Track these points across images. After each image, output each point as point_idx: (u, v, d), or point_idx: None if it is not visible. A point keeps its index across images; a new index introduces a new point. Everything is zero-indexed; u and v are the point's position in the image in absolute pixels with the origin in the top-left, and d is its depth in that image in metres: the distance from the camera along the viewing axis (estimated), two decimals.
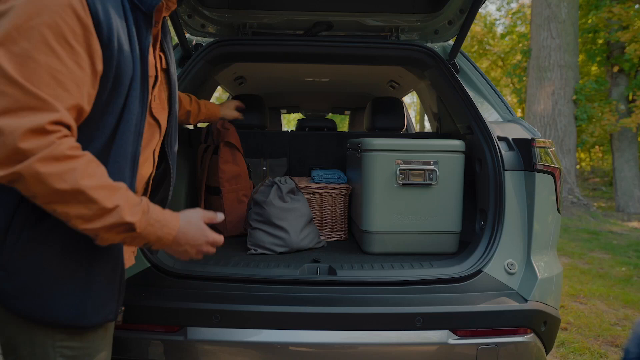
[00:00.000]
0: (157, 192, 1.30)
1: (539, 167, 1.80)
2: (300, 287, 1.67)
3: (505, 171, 1.84)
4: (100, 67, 0.94)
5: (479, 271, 1.75)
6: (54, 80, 0.87)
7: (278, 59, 2.44)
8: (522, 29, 16.71)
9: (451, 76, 2.15)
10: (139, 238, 1.00)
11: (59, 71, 0.87)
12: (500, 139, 1.92)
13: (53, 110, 0.86)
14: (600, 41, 11.33)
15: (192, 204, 2.39)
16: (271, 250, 2.02)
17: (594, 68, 12.76)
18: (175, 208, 2.26)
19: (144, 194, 1.25)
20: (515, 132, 1.94)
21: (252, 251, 2.02)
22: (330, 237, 2.34)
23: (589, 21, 11.19)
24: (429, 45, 2.30)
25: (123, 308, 1.17)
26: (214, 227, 2.37)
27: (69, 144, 0.89)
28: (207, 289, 1.67)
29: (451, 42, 2.40)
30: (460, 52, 2.29)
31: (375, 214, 2.02)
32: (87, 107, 0.95)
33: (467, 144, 2.04)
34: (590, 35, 11.43)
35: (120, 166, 1.02)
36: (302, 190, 2.26)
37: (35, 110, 0.84)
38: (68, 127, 0.90)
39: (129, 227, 0.96)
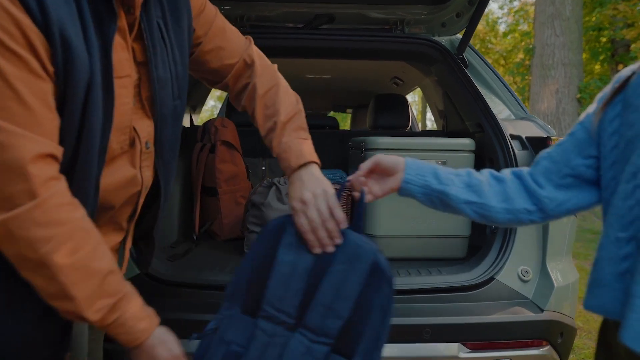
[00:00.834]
0: (150, 208, 1.09)
1: None
2: None
3: None
4: (50, 67, 0.77)
5: (491, 279, 1.64)
6: (13, 100, 0.72)
7: (277, 54, 2.32)
8: (524, 27, 16.59)
9: (460, 71, 2.04)
10: (102, 329, 0.85)
11: (14, 89, 0.72)
12: (512, 137, 1.80)
13: (25, 140, 0.73)
14: (604, 39, 11.21)
15: (187, 205, 2.28)
16: None
17: (597, 66, 12.64)
18: (169, 210, 2.17)
19: (132, 214, 1.04)
20: (529, 129, 1.83)
21: None
22: None
23: (593, 19, 11.06)
24: (436, 38, 2.18)
25: (69, 354, 0.95)
26: (210, 230, 2.26)
27: (58, 199, 0.76)
28: (201, 298, 1.56)
29: (459, 35, 2.29)
30: (469, 46, 2.18)
31: (379, 217, 1.91)
32: (58, 120, 0.79)
33: (477, 143, 1.93)
34: (595, 33, 11.30)
35: (84, 192, 0.84)
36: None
37: (6, 147, 0.72)
38: (54, 157, 0.77)
39: (88, 320, 0.81)
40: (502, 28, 19.24)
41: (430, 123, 23.37)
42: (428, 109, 21.40)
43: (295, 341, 0.92)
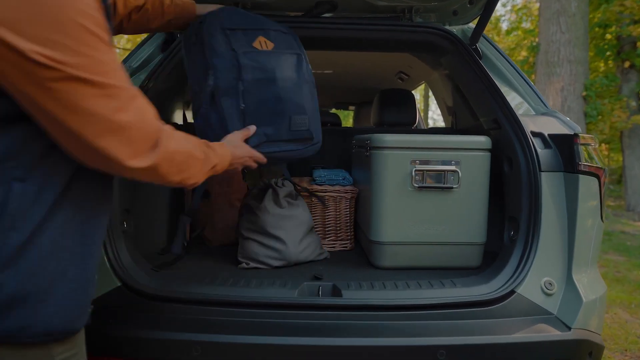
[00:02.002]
0: None
1: (582, 167, 1.52)
2: (299, 312, 1.39)
3: (542, 172, 1.56)
4: None
5: (512, 292, 1.47)
6: (117, 66, 0.80)
7: None
8: (527, 25, 16.40)
9: (474, 63, 1.87)
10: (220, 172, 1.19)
11: (114, 60, 0.80)
12: (534, 134, 1.63)
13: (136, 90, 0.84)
14: (609, 37, 11.03)
15: (177, 209, 2.11)
16: (266, 263, 1.74)
17: (601, 64, 12.44)
18: (158, 214, 2.00)
19: None
20: (552, 126, 1.66)
21: (244, 265, 1.74)
22: (334, 247, 2.06)
23: (599, 15, 10.86)
24: (447, 27, 2.01)
25: (92, 307, 0.99)
26: (202, 235, 2.10)
27: (168, 127, 0.93)
28: (188, 314, 1.40)
29: (472, 24, 2.12)
30: (483, 36, 2.00)
31: (386, 222, 1.74)
32: None
33: (493, 141, 1.76)
34: (600, 30, 11.11)
35: None
36: (302, 194, 1.98)
37: (134, 98, 0.81)
38: None
39: (215, 168, 1.13)
40: (504, 26, 19.05)
41: (432, 122, 23.11)
42: (430, 108, 21.15)
43: None
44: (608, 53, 11.14)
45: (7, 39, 0.64)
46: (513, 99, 1.83)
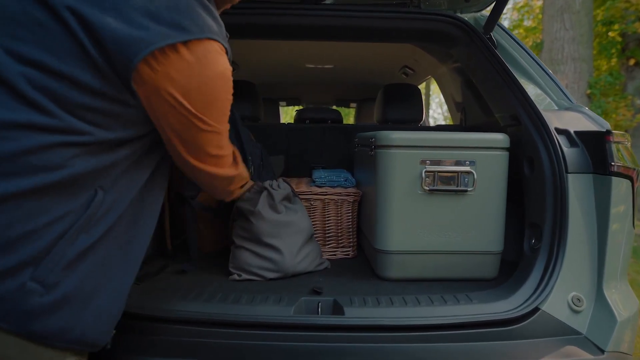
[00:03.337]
0: None
1: (615, 169, 1.35)
2: (295, 333, 1.22)
3: (568, 174, 1.40)
4: None
5: (536, 309, 1.30)
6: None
7: (271, 34, 1.98)
8: (528, 23, 16.23)
9: (489, 53, 1.70)
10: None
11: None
12: (558, 131, 1.47)
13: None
14: (613, 34, 10.87)
15: (161, 212, 1.93)
16: (259, 275, 1.56)
17: (604, 63, 12.25)
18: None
19: None
20: (578, 122, 1.49)
21: (235, 277, 1.57)
22: (335, 254, 1.89)
23: (602, 12, 10.68)
24: (459, 15, 1.83)
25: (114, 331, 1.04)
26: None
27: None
28: (168, 335, 1.23)
29: (485, 12, 1.95)
30: (498, 25, 1.83)
31: (392, 228, 1.57)
32: None
33: (512, 139, 1.59)
34: (604, 28, 10.94)
35: None
36: (301, 196, 1.81)
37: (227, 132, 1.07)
38: None
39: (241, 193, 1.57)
40: (506, 24, 18.86)
41: (433, 121, 22.86)
42: (430, 107, 20.89)
43: None
44: (612, 51, 10.96)
45: (180, 99, 0.88)
46: (532, 92, 1.66)
